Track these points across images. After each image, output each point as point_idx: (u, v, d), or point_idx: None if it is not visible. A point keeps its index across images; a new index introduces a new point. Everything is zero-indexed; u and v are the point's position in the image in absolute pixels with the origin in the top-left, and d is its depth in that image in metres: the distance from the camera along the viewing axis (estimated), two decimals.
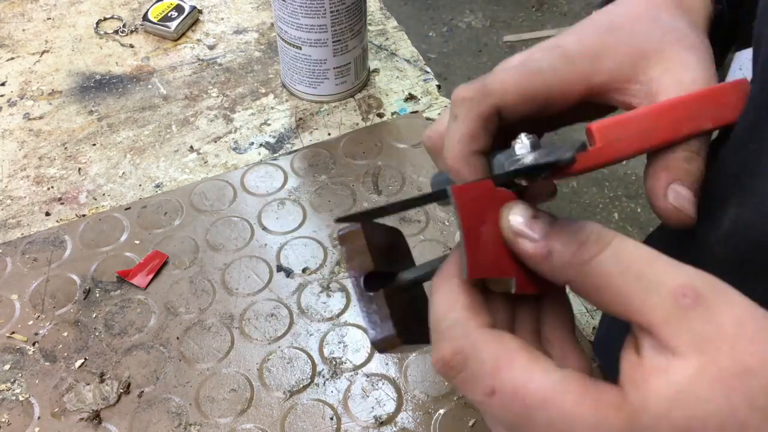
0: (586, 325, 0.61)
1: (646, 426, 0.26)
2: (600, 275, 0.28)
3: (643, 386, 0.26)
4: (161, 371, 0.56)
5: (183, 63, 0.81)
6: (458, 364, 0.29)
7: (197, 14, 0.86)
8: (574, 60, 0.37)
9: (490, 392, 0.28)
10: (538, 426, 0.27)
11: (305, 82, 0.75)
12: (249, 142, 0.73)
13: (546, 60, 0.37)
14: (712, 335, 0.25)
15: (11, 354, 0.57)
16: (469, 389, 0.29)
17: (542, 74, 0.36)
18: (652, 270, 0.27)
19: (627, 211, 1.95)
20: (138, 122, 0.75)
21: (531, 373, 0.27)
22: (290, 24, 0.70)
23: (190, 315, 0.60)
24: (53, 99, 0.77)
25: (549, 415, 0.27)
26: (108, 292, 0.61)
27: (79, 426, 0.54)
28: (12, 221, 0.67)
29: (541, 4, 2.54)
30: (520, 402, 0.27)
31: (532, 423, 0.27)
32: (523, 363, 0.28)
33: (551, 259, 0.29)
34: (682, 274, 0.27)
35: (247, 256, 0.63)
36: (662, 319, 0.26)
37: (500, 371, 0.28)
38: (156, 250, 0.63)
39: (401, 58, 0.81)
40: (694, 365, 0.25)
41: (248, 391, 0.55)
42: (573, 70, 0.37)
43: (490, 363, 0.28)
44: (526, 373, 0.27)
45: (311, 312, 0.60)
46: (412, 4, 2.56)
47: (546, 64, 0.37)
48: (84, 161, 0.71)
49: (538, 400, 0.27)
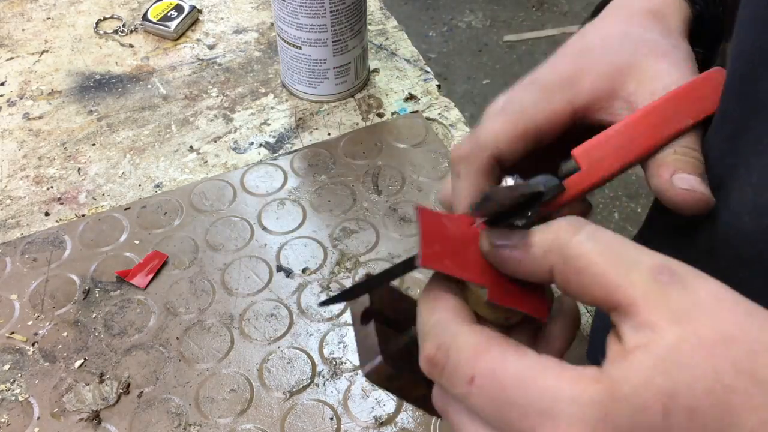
0: (585, 324, 0.61)
1: (627, 395, 0.25)
2: (580, 255, 0.28)
3: (624, 362, 0.26)
4: (161, 371, 0.56)
5: (183, 63, 0.81)
6: (441, 358, 0.29)
7: (197, 14, 0.86)
8: (553, 89, 0.39)
9: (470, 380, 0.28)
10: (517, 408, 0.27)
11: (305, 81, 0.75)
12: (249, 142, 0.73)
13: (526, 97, 0.39)
14: (691, 308, 0.26)
15: (11, 354, 0.57)
16: (453, 383, 0.29)
17: (526, 112, 0.38)
18: (629, 251, 0.27)
19: (627, 211, 1.95)
20: (138, 122, 0.75)
21: (507, 356, 0.27)
22: (290, 24, 0.70)
23: (189, 315, 0.60)
24: (53, 99, 0.77)
25: (527, 393, 0.26)
26: (108, 293, 0.61)
27: (79, 426, 0.53)
28: (12, 221, 0.66)
29: (542, 4, 2.54)
30: (499, 385, 0.27)
31: (511, 406, 0.27)
32: (500, 348, 0.28)
33: (532, 249, 0.29)
34: (657, 256, 0.27)
35: (247, 256, 0.63)
36: (642, 295, 0.26)
37: (478, 358, 0.28)
38: (156, 250, 0.63)
39: (401, 57, 0.81)
40: (675, 336, 0.25)
41: (248, 391, 0.55)
42: (553, 99, 0.38)
43: (469, 351, 0.28)
44: (502, 356, 0.28)
45: (311, 312, 0.60)
46: (412, 4, 2.56)
47: (527, 101, 0.38)
48: (83, 161, 0.71)
49: (516, 380, 0.27)
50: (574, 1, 2.54)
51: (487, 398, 0.27)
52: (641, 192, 1.99)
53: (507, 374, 0.27)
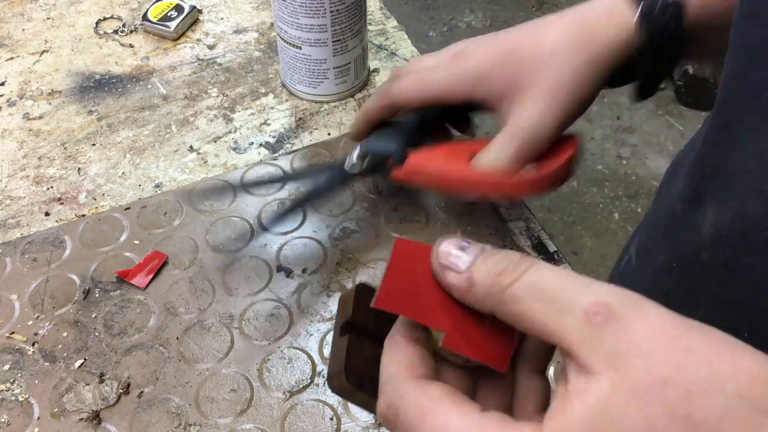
0: None
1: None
2: (516, 302, 0.28)
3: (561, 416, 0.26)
4: (161, 371, 0.56)
5: (183, 63, 0.81)
6: (392, 417, 0.30)
7: (197, 14, 0.86)
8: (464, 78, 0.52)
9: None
10: None
11: (305, 81, 0.75)
12: (249, 142, 0.73)
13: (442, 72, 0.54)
14: (625, 350, 0.25)
15: (11, 354, 0.57)
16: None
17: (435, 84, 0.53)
18: (565, 292, 0.27)
19: (627, 211, 1.95)
20: (138, 122, 0.75)
21: (450, 419, 0.28)
22: (290, 24, 0.70)
23: (189, 315, 0.60)
24: (53, 99, 0.77)
25: None
26: (107, 293, 0.61)
27: (79, 426, 0.53)
28: (11, 221, 0.66)
29: (542, 4, 2.54)
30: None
31: None
32: (444, 409, 0.28)
33: (474, 290, 0.29)
34: (594, 293, 0.27)
35: (247, 256, 0.63)
36: (577, 340, 0.26)
37: (424, 420, 0.28)
38: (156, 250, 0.63)
39: (401, 57, 0.81)
40: (609, 383, 0.25)
41: (248, 391, 0.55)
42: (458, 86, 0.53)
43: (416, 412, 0.29)
44: (445, 419, 0.28)
45: (311, 312, 0.60)
46: (413, 4, 2.56)
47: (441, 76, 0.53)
48: (83, 161, 0.71)
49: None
50: (574, 1, 2.54)
51: None
52: (641, 192, 1.99)
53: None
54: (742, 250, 0.36)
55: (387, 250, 0.64)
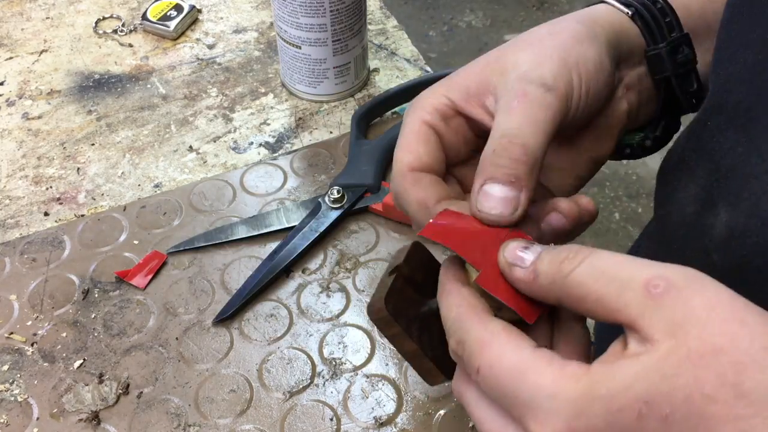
0: None
1: (602, 396, 0.27)
2: (579, 285, 0.30)
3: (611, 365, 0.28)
4: (160, 372, 0.56)
5: (182, 62, 0.81)
6: (459, 350, 0.32)
7: (196, 13, 0.85)
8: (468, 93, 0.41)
9: (476, 371, 0.31)
10: (508, 398, 0.30)
11: (305, 81, 0.74)
12: (248, 142, 0.73)
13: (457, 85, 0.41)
14: (684, 319, 0.27)
15: (10, 354, 0.57)
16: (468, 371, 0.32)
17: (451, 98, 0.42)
18: (624, 270, 0.29)
19: (628, 211, 1.95)
20: (137, 122, 0.75)
21: (505, 350, 0.30)
22: (290, 23, 0.70)
23: (189, 315, 0.59)
24: (52, 99, 0.77)
25: (515, 386, 0.29)
26: (107, 293, 0.61)
27: (78, 427, 0.53)
28: (11, 221, 0.66)
29: (542, 4, 2.54)
30: (495, 377, 0.30)
31: (504, 395, 0.30)
32: (501, 342, 0.31)
33: (539, 280, 0.32)
34: (652, 269, 0.28)
35: (247, 257, 0.63)
36: (637, 312, 0.28)
37: (482, 351, 0.31)
38: (155, 250, 0.63)
39: (401, 57, 0.81)
40: (666, 348, 0.26)
41: (248, 391, 0.55)
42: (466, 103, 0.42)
43: (475, 344, 0.31)
44: (500, 350, 0.30)
45: (311, 312, 0.60)
46: (413, 4, 2.56)
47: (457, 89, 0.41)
48: (83, 161, 0.71)
49: (508, 374, 0.30)
50: (574, 1, 2.54)
51: (487, 387, 0.31)
52: (642, 192, 1.99)
53: (502, 367, 0.30)
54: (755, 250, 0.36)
55: (387, 250, 0.64)
